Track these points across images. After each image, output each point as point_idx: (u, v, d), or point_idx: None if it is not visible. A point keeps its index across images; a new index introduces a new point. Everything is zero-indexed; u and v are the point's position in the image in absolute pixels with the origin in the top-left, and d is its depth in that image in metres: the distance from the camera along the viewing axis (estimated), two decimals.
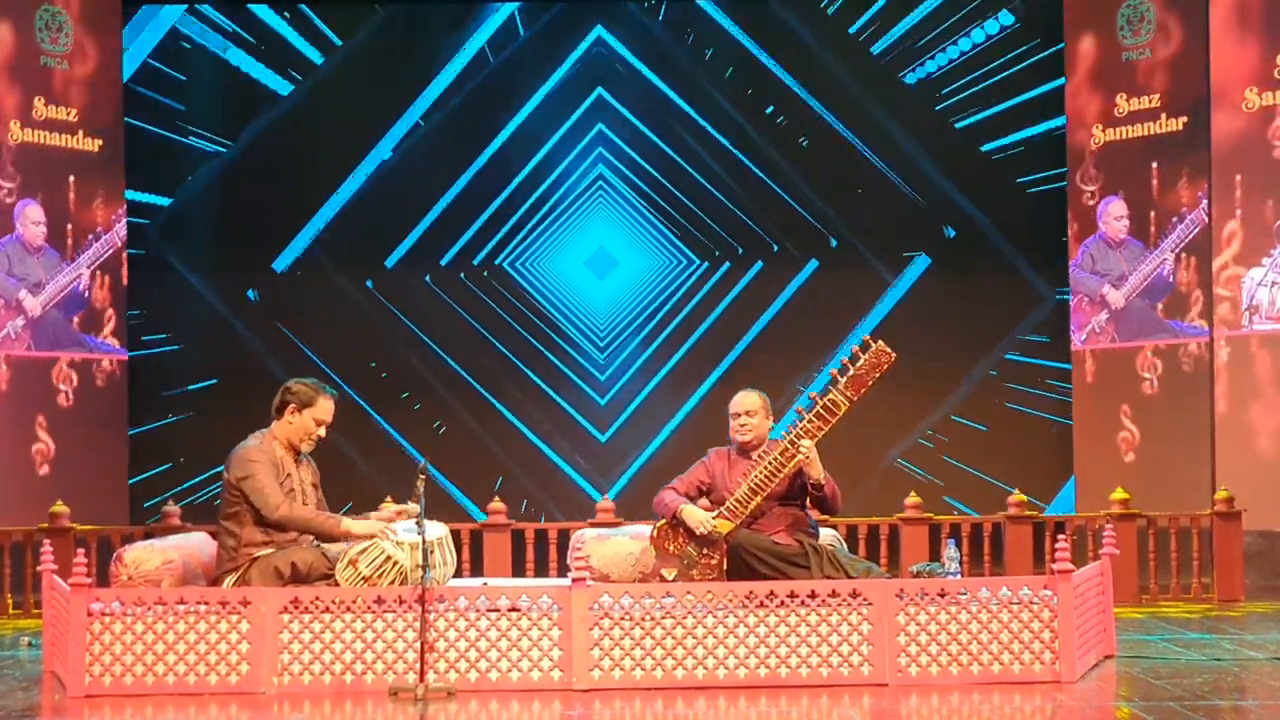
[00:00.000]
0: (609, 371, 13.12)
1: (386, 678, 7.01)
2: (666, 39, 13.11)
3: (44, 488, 11.42)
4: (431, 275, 13.05)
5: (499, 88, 13.06)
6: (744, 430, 7.79)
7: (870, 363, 7.55)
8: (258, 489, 7.32)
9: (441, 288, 13.05)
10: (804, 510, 7.81)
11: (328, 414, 7.53)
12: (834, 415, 7.53)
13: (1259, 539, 11.21)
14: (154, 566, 7.50)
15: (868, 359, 7.55)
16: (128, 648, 7.07)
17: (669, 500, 7.76)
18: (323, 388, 7.57)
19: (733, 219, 13.06)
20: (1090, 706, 6.73)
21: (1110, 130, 12.23)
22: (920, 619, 7.11)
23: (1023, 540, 10.76)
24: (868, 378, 7.54)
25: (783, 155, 13.07)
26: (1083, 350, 12.43)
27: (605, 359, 13.11)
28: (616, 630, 7.08)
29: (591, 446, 13.09)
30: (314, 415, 7.48)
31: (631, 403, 13.09)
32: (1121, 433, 12.20)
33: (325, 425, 7.54)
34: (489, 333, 13.07)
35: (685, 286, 13.08)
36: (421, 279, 13.05)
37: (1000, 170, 12.96)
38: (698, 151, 13.07)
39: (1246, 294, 11.54)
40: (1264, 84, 11.47)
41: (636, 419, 13.08)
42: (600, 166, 13.10)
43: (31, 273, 11.68)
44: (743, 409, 7.81)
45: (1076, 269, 12.43)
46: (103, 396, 12.11)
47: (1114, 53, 12.24)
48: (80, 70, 12.00)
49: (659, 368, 13.10)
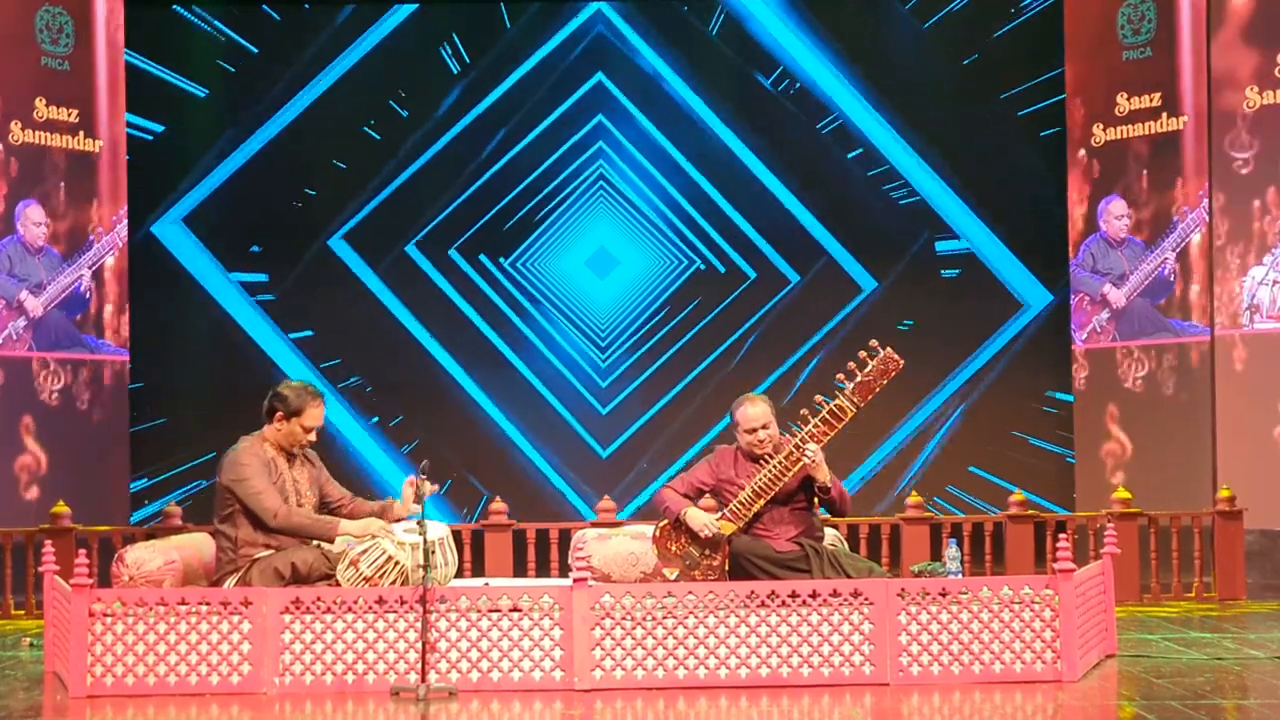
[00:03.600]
0: (609, 370, 13.11)
1: (388, 678, 7.01)
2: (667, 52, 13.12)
3: (45, 488, 11.41)
4: (435, 274, 13.04)
5: (503, 94, 13.06)
6: (762, 445, 7.67)
7: (878, 369, 7.52)
8: (253, 494, 7.31)
9: (445, 286, 13.04)
10: (810, 512, 7.81)
11: (317, 420, 7.50)
12: (840, 421, 7.52)
13: (1260, 538, 11.21)
14: (155, 567, 7.50)
15: (876, 365, 7.52)
16: (129, 648, 7.08)
17: (671, 502, 7.73)
18: (311, 392, 7.52)
19: (731, 219, 13.06)
20: (1092, 706, 6.74)
21: (1111, 130, 12.23)
22: (922, 618, 7.12)
23: (1024, 540, 10.76)
24: (875, 384, 7.52)
25: (782, 156, 13.07)
26: (1083, 349, 12.43)
27: (605, 356, 13.11)
28: (618, 630, 7.08)
29: (591, 444, 13.09)
30: (302, 423, 7.46)
31: (631, 400, 13.09)
32: (1122, 432, 12.19)
33: (314, 430, 7.53)
34: (492, 330, 13.07)
35: (685, 286, 13.08)
36: (426, 278, 13.05)
37: (1000, 170, 12.95)
38: (696, 153, 13.07)
39: (1247, 293, 11.54)
40: (1265, 83, 11.47)
41: (636, 416, 13.08)
42: (601, 166, 13.11)
43: (32, 273, 11.68)
44: (759, 423, 7.66)
45: (1077, 268, 12.43)
46: (104, 397, 12.11)
47: (1114, 52, 12.23)
48: (81, 71, 11.99)
49: (659, 365, 13.10)
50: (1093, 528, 10.83)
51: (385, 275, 13.06)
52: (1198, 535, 10.96)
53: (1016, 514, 10.83)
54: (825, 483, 7.59)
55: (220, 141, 12.97)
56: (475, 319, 13.06)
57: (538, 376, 13.09)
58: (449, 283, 13.05)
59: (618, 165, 13.10)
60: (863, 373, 7.52)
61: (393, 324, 13.06)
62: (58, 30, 11.85)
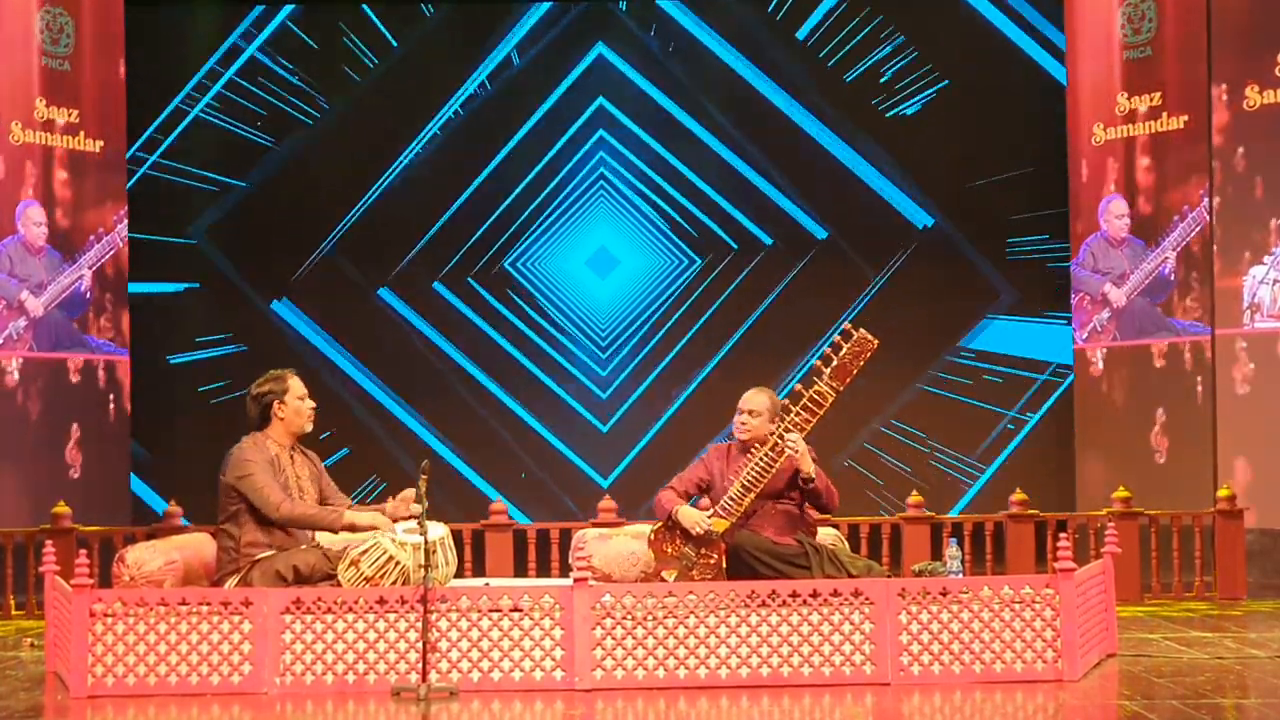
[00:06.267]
0: (610, 368, 13.12)
1: (389, 678, 7.02)
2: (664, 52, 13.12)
3: (45, 488, 11.41)
4: (440, 279, 13.04)
5: (506, 99, 13.07)
6: (743, 429, 7.79)
7: (853, 351, 7.55)
8: (256, 488, 7.33)
9: (450, 290, 13.05)
10: (800, 509, 7.80)
11: (302, 387, 7.60)
12: (821, 407, 7.54)
13: (1261, 537, 11.21)
14: (156, 567, 7.51)
15: (850, 348, 7.55)
16: (130, 648, 7.08)
17: (665, 502, 7.76)
18: (277, 371, 7.62)
19: (729, 218, 13.07)
20: (1092, 705, 6.74)
21: (1111, 129, 12.23)
22: (922, 618, 7.12)
23: (1024, 539, 10.76)
24: (852, 366, 7.55)
25: (776, 155, 13.08)
26: (1084, 348, 12.43)
27: (606, 355, 13.12)
28: (619, 630, 7.08)
29: (593, 439, 13.10)
30: (295, 396, 7.56)
31: (631, 397, 13.10)
32: (1122, 431, 12.19)
33: (307, 396, 7.60)
34: (495, 332, 13.07)
35: (684, 284, 13.08)
36: (430, 283, 13.05)
37: (1000, 170, 12.95)
38: (693, 154, 13.08)
39: (1248, 292, 11.53)
40: (1265, 82, 11.47)
41: (636, 412, 13.09)
42: (601, 168, 13.12)
43: (33, 274, 11.68)
44: (747, 407, 7.79)
45: (1078, 267, 12.43)
46: (104, 397, 12.11)
47: (1114, 52, 12.23)
48: (81, 71, 11.99)
49: (658, 362, 13.10)
50: (1093, 527, 10.82)
51: (393, 282, 13.06)
52: (1198, 535, 10.96)
53: (1017, 513, 10.82)
54: (809, 474, 7.58)
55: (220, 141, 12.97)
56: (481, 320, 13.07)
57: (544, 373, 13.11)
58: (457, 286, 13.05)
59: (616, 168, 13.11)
60: (838, 356, 7.55)
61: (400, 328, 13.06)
62: (58, 30, 11.85)
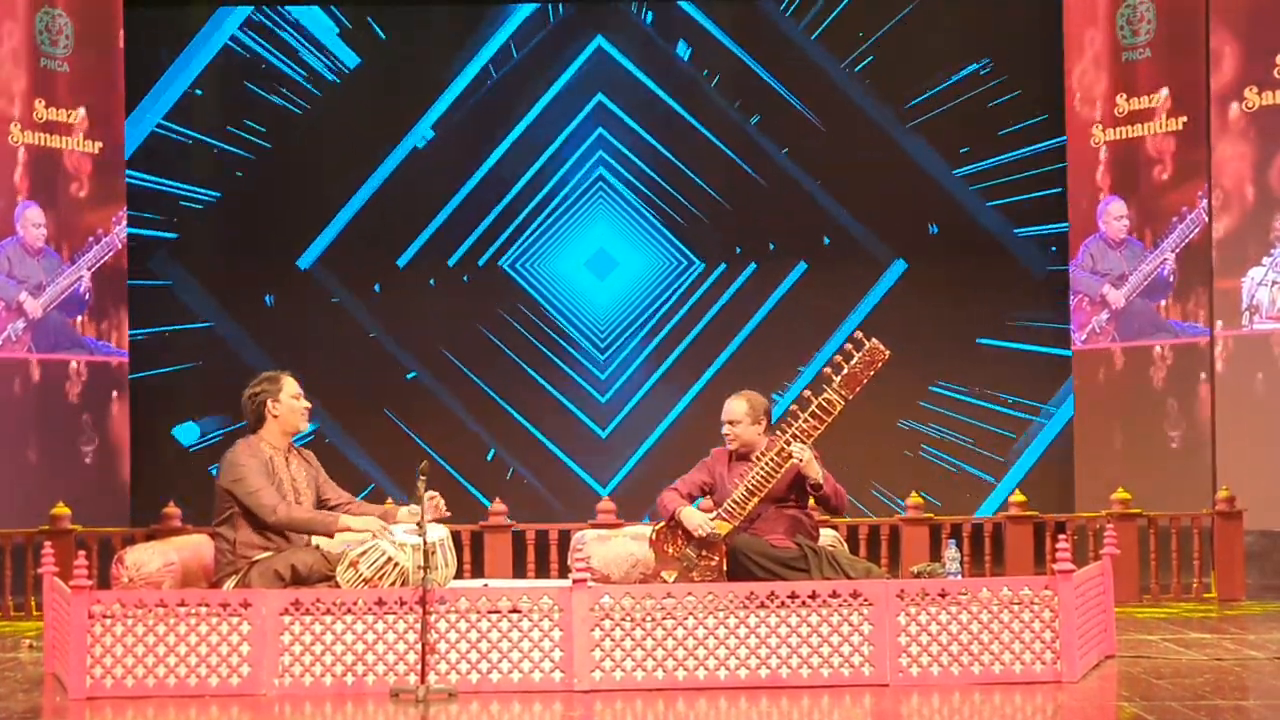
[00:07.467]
0: (609, 371, 13.11)
1: (388, 679, 7.02)
2: (664, 49, 13.12)
3: (44, 489, 11.40)
4: (436, 278, 13.04)
5: (502, 97, 13.06)
6: (729, 440, 7.83)
7: (865, 360, 7.53)
8: (251, 493, 7.33)
9: (447, 290, 13.05)
10: (805, 511, 7.81)
11: (296, 386, 7.60)
12: (829, 415, 7.52)
13: (1260, 538, 11.20)
14: (155, 568, 7.51)
15: (862, 357, 7.53)
16: (129, 650, 7.08)
17: (669, 503, 7.76)
18: (272, 373, 7.62)
19: (729, 220, 13.07)
20: (1091, 706, 6.74)
21: (1110, 130, 12.22)
22: (921, 619, 7.12)
23: (1023, 540, 10.76)
24: (862, 376, 7.52)
25: (776, 157, 13.07)
26: (1083, 350, 12.42)
27: (605, 357, 13.11)
28: (617, 631, 7.08)
29: (592, 442, 13.09)
30: (289, 394, 7.56)
31: (631, 399, 13.09)
32: (1122, 432, 12.18)
33: (302, 395, 7.60)
34: (493, 334, 13.07)
35: (683, 286, 13.08)
36: (427, 282, 13.05)
37: (1000, 169, 12.95)
38: (694, 155, 13.07)
39: (1246, 293, 11.53)
40: (1264, 84, 11.46)
41: (636, 415, 13.08)
42: (600, 169, 13.11)
43: (32, 275, 11.67)
44: (725, 418, 7.84)
45: (1076, 269, 12.42)
46: (103, 398, 12.10)
47: (1114, 52, 12.23)
48: (81, 72, 11.99)
49: (658, 365, 13.10)
50: (1092, 528, 10.83)
51: (391, 281, 13.05)
52: (1197, 536, 10.96)
53: (1016, 514, 10.83)
54: (817, 480, 7.59)
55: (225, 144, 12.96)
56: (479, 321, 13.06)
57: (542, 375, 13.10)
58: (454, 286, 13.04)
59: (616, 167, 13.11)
60: (849, 365, 7.53)
61: (399, 328, 13.06)
62: (58, 31, 11.85)
